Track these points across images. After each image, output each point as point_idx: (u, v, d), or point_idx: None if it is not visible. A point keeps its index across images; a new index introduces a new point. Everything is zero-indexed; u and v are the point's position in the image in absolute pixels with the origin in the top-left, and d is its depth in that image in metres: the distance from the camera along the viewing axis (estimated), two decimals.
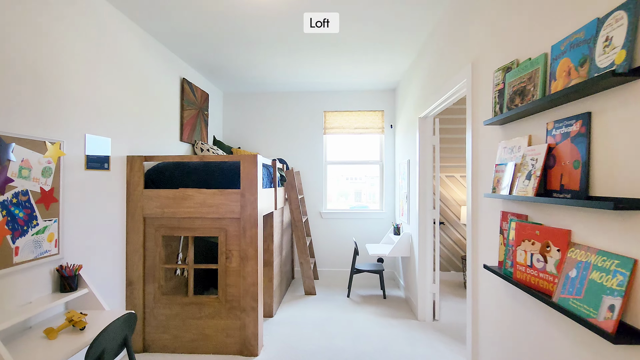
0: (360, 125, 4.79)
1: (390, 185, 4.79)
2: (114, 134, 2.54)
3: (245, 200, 2.61)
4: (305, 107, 4.86)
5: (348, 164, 4.94)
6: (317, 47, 3.31)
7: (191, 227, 2.68)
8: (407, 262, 3.90)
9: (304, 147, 4.86)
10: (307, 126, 4.86)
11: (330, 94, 4.84)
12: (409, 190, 3.81)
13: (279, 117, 4.88)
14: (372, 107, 4.81)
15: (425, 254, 3.32)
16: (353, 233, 4.81)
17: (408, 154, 3.86)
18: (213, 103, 4.56)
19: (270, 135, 4.89)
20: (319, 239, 4.84)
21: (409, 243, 3.74)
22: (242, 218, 2.61)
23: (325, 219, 4.84)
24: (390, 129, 4.80)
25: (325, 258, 4.84)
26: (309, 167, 4.86)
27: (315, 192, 4.86)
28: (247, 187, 2.61)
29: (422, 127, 3.33)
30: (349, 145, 4.95)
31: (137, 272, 2.67)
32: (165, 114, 3.30)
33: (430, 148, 3.31)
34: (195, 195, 2.64)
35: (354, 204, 5.02)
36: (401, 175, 4.21)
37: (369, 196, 5.03)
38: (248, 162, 2.62)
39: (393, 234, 4.27)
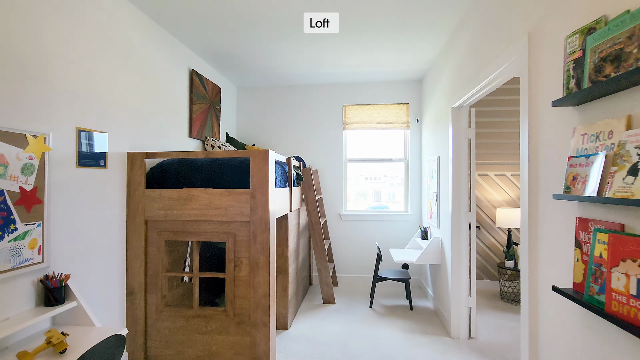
0: (383, 119, 4.42)
1: (416, 185, 4.40)
2: (113, 128, 2.30)
3: (255, 201, 2.31)
4: (324, 101, 4.54)
5: (370, 162, 4.58)
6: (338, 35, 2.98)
7: (196, 231, 2.40)
8: (436, 270, 3.50)
9: (322, 144, 4.54)
10: (326, 121, 4.53)
11: (351, 87, 4.50)
12: (438, 190, 3.42)
13: (296, 113, 4.58)
14: (396, 100, 4.43)
15: (459, 262, 2.92)
16: (375, 236, 4.45)
17: (438, 150, 3.47)
18: (226, 98, 4.31)
19: (287, 132, 4.59)
20: (338, 242, 4.51)
21: (439, 249, 3.35)
22: (252, 221, 2.32)
23: (345, 221, 4.50)
24: (416, 123, 4.40)
25: (345, 263, 4.50)
26: (327, 165, 4.53)
27: (334, 192, 4.52)
28: (258, 187, 2.31)
29: (456, 118, 2.94)
30: (370, 141, 4.59)
31: (138, 280, 2.42)
32: (172, 108, 3.06)
33: (464, 142, 2.91)
34: (201, 196, 2.37)
35: (373, 203, 4.66)
36: (429, 173, 3.82)
37: (389, 196, 4.65)
38: (258, 158, 2.32)
39: (420, 238, 3.88)
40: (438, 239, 3.36)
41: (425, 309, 3.59)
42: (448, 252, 3.08)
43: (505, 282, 3.94)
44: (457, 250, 2.93)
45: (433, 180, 3.62)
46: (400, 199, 4.59)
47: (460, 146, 2.93)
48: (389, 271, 3.81)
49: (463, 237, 2.91)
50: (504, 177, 4.17)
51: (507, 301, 3.78)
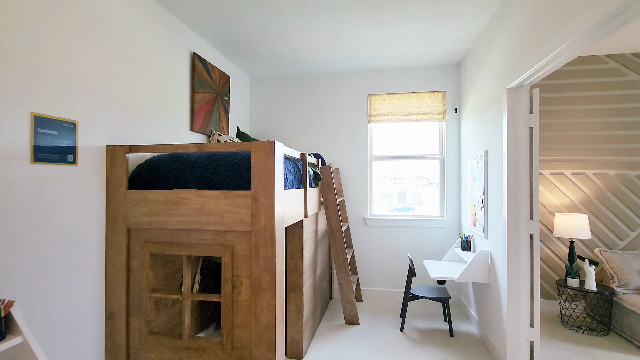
0: (414, 110, 3.84)
1: (453, 186, 3.78)
2: (87, 116, 1.89)
3: (257, 206, 1.82)
4: (346, 90, 4.01)
5: (399, 160, 4.00)
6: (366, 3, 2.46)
7: (187, 242, 1.95)
8: (483, 290, 2.89)
9: (344, 140, 4.01)
10: (348, 114, 4.00)
11: (377, 74, 3.94)
12: (486, 192, 2.81)
13: (315, 105, 4.08)
14: (431, 88, 3.83)
15: (517, 283, 2.31)
16: (406, 245, 3.87)
17: (485, 144, 2.86)
18: (236, 88, 3.88)
19: (305, 127, 4.10)
20: (362, 251, 3.96)
21: (487, 264, 2.74)
22: (253, 231, 1.83)
23: (370, 227, 3.95)
24: (454, 114, 3.79)
25: (370, 275, 3.95)
26: (350, 163, 4.00)
27: (358, 194, 3.98)
28: (261, 188, 1.83)
29: (513, 102, 2.33)
30: (398, 136, 4.01)
31: (119, 301, 2.00)
32: (169, 97, 2.64)
33: (524, 132, 2.30)
34: (192, 199, 1.91)
35: (397, 205, 4.07)
36: (472, 172, 3.21)
37: (414, 197, 4.06)
38: (261, 152, 1.84)
39: (461, 249, 3.27)
40: (486, 252, 2.75)
41: (468, 335, 2.98)
42: (501, 269, 2.48)
43: (567, 303, 3.26)
44: (514, 267, 2.32)
45: (478, 180, 3.01)
46: (427, 200, 3.98)
47: (518, 137, 2.32)
48: (423, 288, 3.23)
49: (522, 252, 2.30)
50: (563, 177, 3.48)
51: (570, 327, 3.09)
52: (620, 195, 3.40)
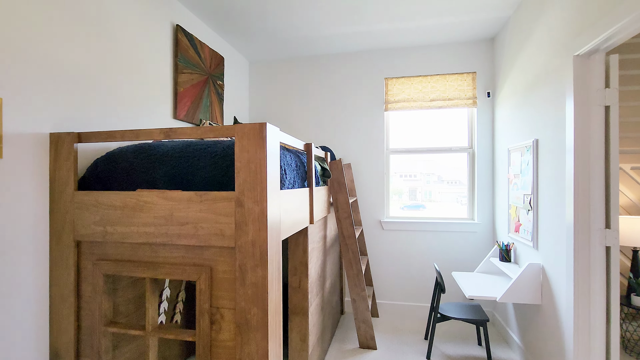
0: (439, 95, 3.29)
1: (486, 184, 3.23)
2: (18, 91, 1.41)
3: (244, 212, 1.33)
4: (359, 73, 3.48)
5: (421, 153, 3.46)
6: None
7: (151, 260, 1.46)
8: (532, 312, 2.35)
9: (357, 131, 3.49)
10: (362, 101, 3.48)
11: (395, 53, 3.40)
12: (535, 191, 2.26)
13: (323, 91, 3.56)
14: (458, 69, 3.27)
15: (589, 308, 1.77)
16: (429, 253, 3.34)
17: (533, 131, 2.31)
18: (233, 72, 3.39)
19: (311, 117, 3.59)
20: (378, 259, 3.44)
21: (539, 281, 2.20)
22: (238, 247, 1.34)
23: (387, 231, 3.42)
24: (487, 99, 3.23)
25: (387, 287, 3.43)
26: (363, 157, 3.48)
27: (373, 193, 3.46)
28: (248, 188, 1.33)
29: (581, 73, 1.78)
30: (420, 126, 3.47)
31: (66, 337, 1.52)
32: (144, 74, 2.16)
33: (597, 113, 1.75)
34: (157, 203, 1.42)
35: (408, 202, 3.55)
36: (513, 167, 2.65)
37: (425, 194, 3.52)
38: (248, 138, 1.33)
39: (499, 260, 2.73)
40: (536, 267, 2.20)
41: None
42: (561, 289, 1.94)
43: (630, 325, 2.69)
44: (582, 288, 1.77)
45: (523, 176, 2.46)
46: (438, 198, 3.44)
47: (589, 119, 1.76)
48: (453, 305, 2.69)
49: (595, 268, 1.75)
50: (621, 172, 2.90)
51: (634, 354, 2.53)
52: None
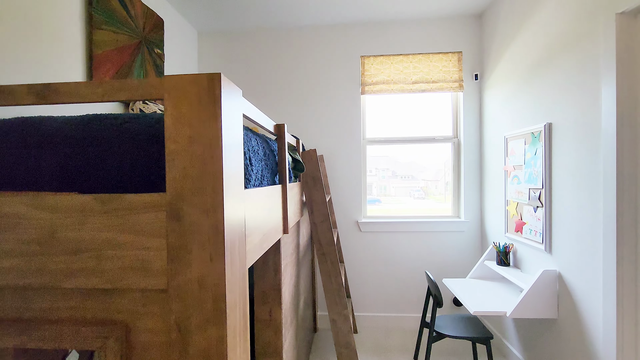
0: (422, 77, 2.89)
1: (473, 177, 2.90)
2: None
3: (183, 229, 0.76)
4: (332, 50, 2.98)
5: (402, 143, 3.05)
6: None
7: (19, 316, 0.84)
8: (542, 326, 2.02)
9: (329, 117, 2.99)
10: (335, 83, 2.98)
11: (372, 28, 2.95)
12: (547, 185, 1.92)
13: (288, 71, 3.01)
14: (442, 47, 2.90)
15: (636, 327, 1.44)
16: (413, 256, 2.95)
17: (544, 114, 1.97)
18: (177, 42, 2.72)
19: (275, 100, 3.03)
20: (356, 265, 3.00)
21: (555, 291, 1.86)
22: (173, 290, 0.77)
23: (365, 233, 2.98)
24: (474, 83, 2.89)
25: (367, 297, 2.99)
26: (336, 148, 3.00)
27: (348, 190, 3.00)
28: (191, 187, 0.76)
29: (625, 37, 1.43)
30: (398, 111, 3.06)
31: None
32: (38, 25, 1.47)
33: None
34: (27, 216, 0.81)
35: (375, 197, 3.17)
36: (512, 157, 2.32)
37: (380, 189, 3.16)
38: (189, 101, 0.76)
39: (496, 264, 2.39)
40: (552, 274, 1.87)
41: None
42: (586, 301, 1.60)
43: None
44: (629, 302, 1.44)
45: (528, 168, 2.12)
46: (392, 192, 3.10)
47: (636, 93, 1.42)
48: (447, 320, 2.31)
49: None
50: None
51: None
52: None
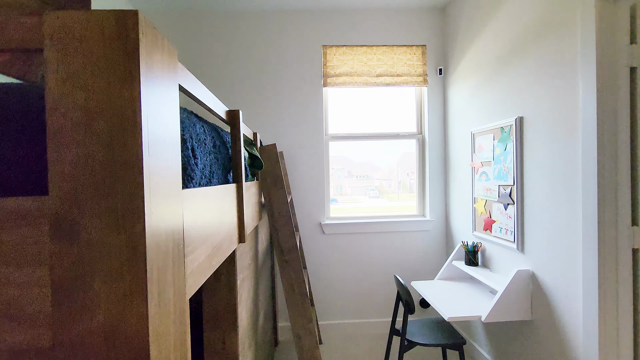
0: (386, 70, 2.76)
1: (438, 174, 2.82)
2: None
3: (80, 253, 0.48)
4: (292, 38, 2.74)
5: (364, 140, 2.90)
6: None
7: None
8: (514, 328, 1.96)
9: (288, 111, 2.75)
10: (295, 73, 2.75)
11: (334, 16, 2.76)
12: (519, 181, 1.86)
13: (243, 59, 2.72)
14: (406, 40, 2.79)
15: (617, 326, 1.38)
16: (380, 258, 2.80)
17: (512, 109, 1.89)
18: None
19: (228, 93, 2.73)
20: (319, 270, 2.79)
21: (528, 292, 1.80)
22: (61, 348, 0.49)
23: (329, 235, 2.78)
24: (439, 78, 2.81)
25: (332, 304, 2.79)
26: (297, 144, 2.76)
27: (310, 189, 2.78)
28: (90, 185, 0.49)
29: (605, 25, 1.36)
30: (362, 106, 2.91)
31: None
32: None
33: (624, 77, 1.36)
34: None
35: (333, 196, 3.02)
36: (480, 154, 2.25)
37: (336, 189, 3.04)
38: (85, 47, 0.49)
39: (465, 264, 2.31)
40: (526, 274, 1.80)
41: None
42: (563, 301, 1.53)
43: None
44: (611, 301, 1.37)
45: (497, 164, 2.05)
46: (348, 191, 3.00)
47: (616, 85, 1.36)
48: (416, 326, 2.18)
49: (621, 276, 1.37)
50: None
51: None
52: None
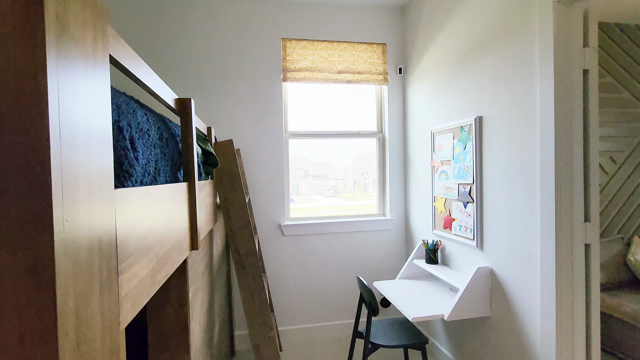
0: (347, 67, 2.71)
1: (398, 173, 2.83)
2: None
3: None
4: (249, 28, 2.58)
5: (325, 138, 2.82)
6: None
7: None
8: (473, 324, 1.99)
9: (246, 106, 2.59)
10: (253, 66, 2.59)
11: (294, 8, 2.64)
12: (478, 180, 1.89)
13: (195, 50, 2.51)
14: (367, 37, 2.76)
15: (572, 318, 1.43)
16: (342, 259, 2.74)
17: (470, 108, 1.92)
18: None
19: (179, 85, 2.50)
20: (279, 274, 2.66)
21: (487, 288, 1.83)
22: None
23: (289, 237, 2.67)
24: (398, 77, 2.82)
25: (292, 308, 2.68)
26: (254, 141, 2.62)
27: (269, 189, 2.65)
28: None
29: (562, 27, 1.40)
30: (323, 103, 2.84)
31: None
32: None
33: (578, 79, 1.41)
34: None
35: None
36: (440, 152, 2.27)
37: (294, 188, 2.99)
38: None
39: (425, 262, 2.32)
40: (486, 271, 1.83)
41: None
42: (521, 297, 1.57)
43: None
44: (566, 295, 1.42)
45: (457, 162, 2.07)
46: (304, 191, 2.98)
47: (571, 87, 1.40)
48: (379, 327, 2.14)
49: (578, 270, 1.42)
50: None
51: None
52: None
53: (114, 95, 0.66)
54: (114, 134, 0.62)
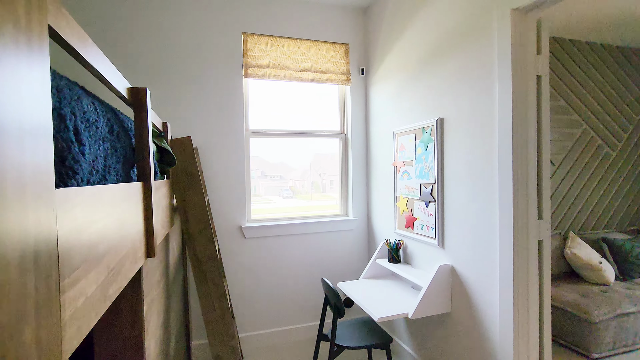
0: (310, 65, 2.66)
1: (360, 174, 2.84)
2: None
3: None
4: (208, 20, 2.44)
5: (287, 137, 2.76)
6: None
7: None
8: (433, 321, 2.04)
9: (204, 103, 2.45)
10: (212, 60, 2.45)
11: (256, 2, 2.55)
12: (439, 180, 1.94)
13: (149, 41, 2.32)
14: (330, 37, 2.74)
15: (527, 312, 1.50)
16: (304, 260, 2.69)
17: (432, 110, 1.97)
18: None
19: (132, 76, 2.29)
20: (239, 278, 2.54)
21: (449, 286, 1.88)
22: None
23: (250, 239, 2.56)
24: (361, 77, 2.83)
25: (253, 314, 2.58)
26: (213, 139, 2.48)
27: (229, 189, 2.52)
28: None
29: (519, 34, 1.47)
30: (286, 102, 2.77)
31: None
32: None
33: (532, 84, 1.49)
34: None
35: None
36: (402, 153, 2.31)
37: (253, 189, 2.95)
38: None
39: (388, 261, 2.35)
40: (447, 268, 1.88)
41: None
42: (479, 293, 1.64)
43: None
44: (523, 289, 1.49)
45: (419, 163, 2.12)
46: (262, 192, 2.96)
47: (527, 92, 1.48)
48: (343, 329, 2.13)
49: (533, 266, 1.50)
50: None
51: None
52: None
53: (53, 77, 0.56)
54: (54, 123, 0.52)
